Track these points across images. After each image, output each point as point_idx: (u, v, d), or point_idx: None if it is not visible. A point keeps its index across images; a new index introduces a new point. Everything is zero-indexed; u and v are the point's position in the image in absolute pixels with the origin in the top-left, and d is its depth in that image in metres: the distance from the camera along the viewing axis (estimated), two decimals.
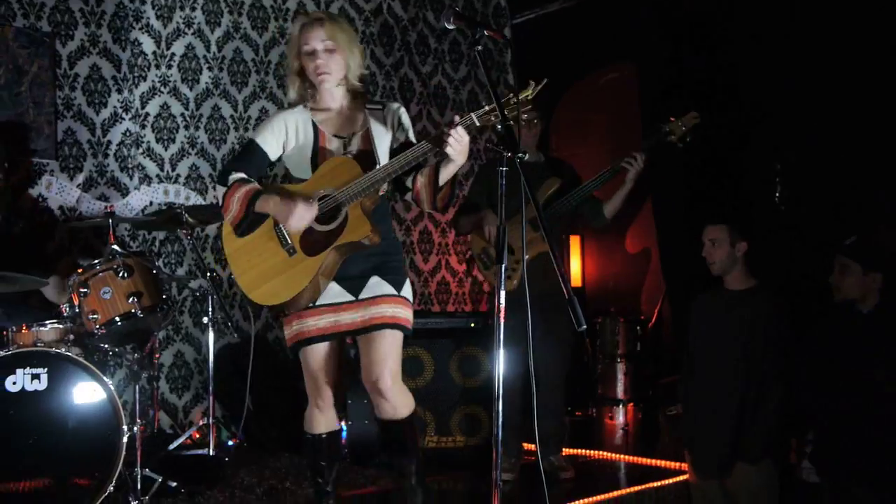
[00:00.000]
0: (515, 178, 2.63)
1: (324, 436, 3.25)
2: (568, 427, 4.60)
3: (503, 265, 2.61)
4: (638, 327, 6.14)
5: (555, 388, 4.26)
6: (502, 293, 2.60)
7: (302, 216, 2.95)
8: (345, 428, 5.32)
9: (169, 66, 5.19)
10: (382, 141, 3.13)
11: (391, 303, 3.10)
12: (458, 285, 5.91)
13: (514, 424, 4.15)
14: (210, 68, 5.35)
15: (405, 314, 3.13)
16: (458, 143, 2.85)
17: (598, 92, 6.78)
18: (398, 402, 3.11)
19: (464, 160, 2.94)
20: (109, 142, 4.98)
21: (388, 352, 3.07)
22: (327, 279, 3.07)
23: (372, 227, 2.99)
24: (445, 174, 2.99)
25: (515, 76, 6.52)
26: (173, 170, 5.21)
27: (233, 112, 5.43)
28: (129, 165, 5.05)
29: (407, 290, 3.18)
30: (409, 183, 3.09)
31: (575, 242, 6.70)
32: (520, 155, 2.56)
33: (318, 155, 3.11)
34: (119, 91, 5.01)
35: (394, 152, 3.11)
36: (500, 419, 2.56)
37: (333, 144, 3.13)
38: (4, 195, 4.22)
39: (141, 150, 5.09)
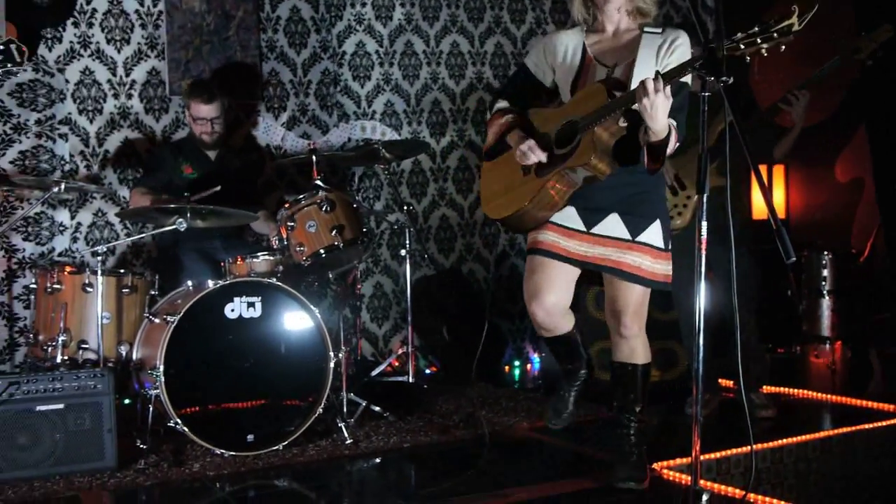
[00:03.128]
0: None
1: (547, 337, 3.26)
2: (768, 364, 4.40)
3: (704, 196, 2.50)
4: (848, 261, 5.77)
5: (742, 325, 4.05)
6: (703, 224, 2.50)
7: (527, 155, 2.97)
8: (537, 360, 5.40)
9: (363, 5, 5.30)
10: (644, 71, 2.83)
11: (620, 248, 2.99)
12: None
13: (708, 360, 4.01)
14: (402, 4, 5.41)
15: (637, 261, 2.98)
16: (645, 102, 2.63)
17: None
18: (635, 345, 3.10)
19: (654, 126, 2.69)
20: (310, 81, 5.18)
21: (627, 299, 3.03)
22: (559, 202, 3.00)
23: (596, 155, 2.83)
24: (645, 137, 2.79)
25: None
26: (369, 106, 5.35)
27: (425, 47, 5.48)
28: (329, 104, 5.24)
29: (648, 235, 2.99)
30: None
31: (779, 172, 6.33)
32: (723, 79, 2.42)
33: (579, 81, 3.00)
34: (318, 31, 5.18)
35: None
36: (701, 354, 2.49)
37: (597, 72, 2.98)
38: (222, 135, 4.49)
39: (339, 88, 5.26)
